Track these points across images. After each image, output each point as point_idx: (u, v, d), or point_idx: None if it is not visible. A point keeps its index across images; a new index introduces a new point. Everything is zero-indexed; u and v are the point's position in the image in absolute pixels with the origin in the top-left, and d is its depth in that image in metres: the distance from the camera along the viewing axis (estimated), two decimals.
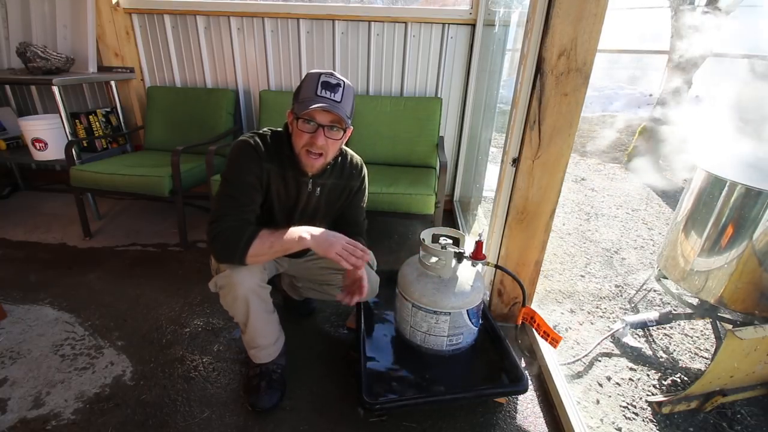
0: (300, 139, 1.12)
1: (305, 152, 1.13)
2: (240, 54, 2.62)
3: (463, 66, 2.51)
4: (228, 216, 1.10)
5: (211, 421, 1.22)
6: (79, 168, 2.16)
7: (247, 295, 1.16)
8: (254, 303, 1.19)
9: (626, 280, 2.12)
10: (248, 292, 1.16)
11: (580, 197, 3.43)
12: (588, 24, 1.17)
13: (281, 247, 1.10)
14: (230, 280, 1.14)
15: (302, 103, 1.08)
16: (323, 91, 1.08)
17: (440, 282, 1.27)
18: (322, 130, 1.10)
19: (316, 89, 1.08)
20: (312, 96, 1.07)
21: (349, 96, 1.13)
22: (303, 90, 1.11)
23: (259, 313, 1.22)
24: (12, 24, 2.60)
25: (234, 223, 1.10)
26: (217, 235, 1.09)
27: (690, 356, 1.59)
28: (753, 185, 1.35)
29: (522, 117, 1.34)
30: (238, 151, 1.14)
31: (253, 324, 1.22)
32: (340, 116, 1.08)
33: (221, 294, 1.19)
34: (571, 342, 1.63)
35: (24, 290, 1.83)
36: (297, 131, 1.12)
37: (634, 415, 1.30)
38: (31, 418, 1.22)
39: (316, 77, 1.09)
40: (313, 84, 1.09)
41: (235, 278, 1.14)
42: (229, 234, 1.08)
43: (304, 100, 1.08)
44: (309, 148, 1.12)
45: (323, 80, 1.08)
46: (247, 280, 1.16)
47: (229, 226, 1.09)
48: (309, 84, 1.09)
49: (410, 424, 1.23)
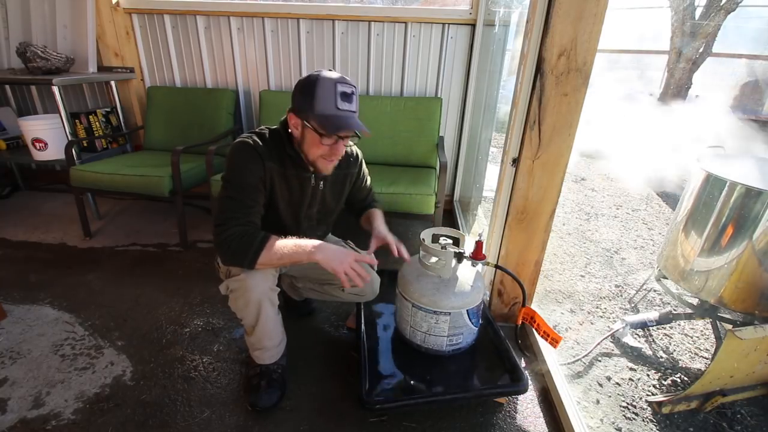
0: (318, 149, 1.12)
1: (322, 159, 1.14)
2: (240, 54, 2.62)
3: (463, 66, 2.51)
4: (233, 219, 1.09)
5: (211, 421, 1.22)
6: (79, 168, 2.16)
7: (260, 300, 1.17)
8: (266, 307, 1.19)
9: (626, 280, 2.12)
10: (261, 296, 1.16)
11: (580, 197, 3.43)
12: (588, 24, 1.17)
13: (290, 259, 1.10)
14: (244, 284, 1.13)
15: (325, 119, 1.06)
16: (344, 103, 1.07)
17: (440, 282, 1.27)
18: (342, 140, 1.11)
19: (335, 101, 1.06)
20: (333, 109, 1.06)
21: (358, 99, 1.14)
22: (320, 99, 1.06)
23: (269, 317, 1.22)
24: (12, 24, 2.60)
25: (241, 228, 1.08)
26: (224, 241, 1.07)
27: (690, 356, 1.59)
28: (753, 185, 1.35)
29: (522, 117, 1.34)
30: (238, 152, 1.13)
31: (262, 327, 1.22)
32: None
33: (232, 297, 1.18)
34: (571, 342, 1.63)
35: (24, 290, 1.83)
36: (313, 140, 1.11)
37: (634, 415, 1.30)
38: (31, 418, 1.22)
39: (332, 86, 1.05)
40: (331, 95, 1.05)
41: (249, 282, 1.13)
42: (238, 241, 1.07)
43: (326, 114, 1.06)
44: (329, 157, 1.14)
45: (341, 90, 1.06)
46: (261, 284, 1.16)
47: (237, 231, 1.08)
48: (326, 94, 1.05)
49: (410, 424, 1.23)
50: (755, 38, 7.25)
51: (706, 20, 4.98)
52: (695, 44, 5.07)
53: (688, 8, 5.08)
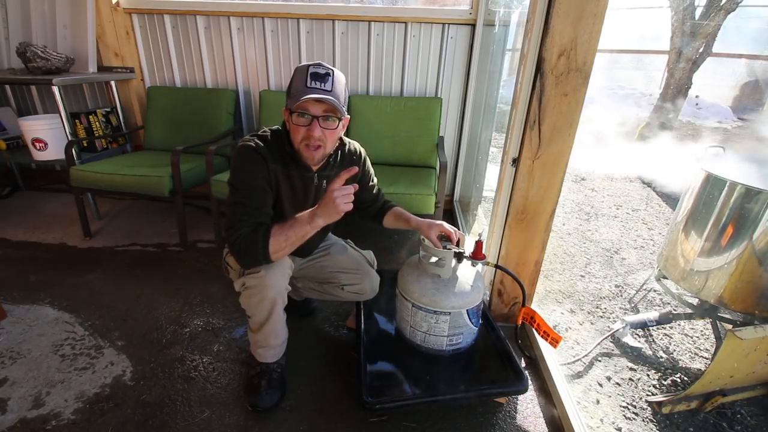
0: (297, 134, 1.12)
1: (304, 146, 1.13)
2: (240, 54, 2.62)
3: (463, 66, 2.51)
4: (240, 222, 1.10)
5: (211, 421, 1.22)
6: (79, 168, 2.16)
7: (275, 297, 1.17)
8: (278, 305, 1.20)
9: (626, 280, 2.12)
10: (276, 294, 1.17)
11: (580, 197, 3.43)
12: (588, 24, 1.17)
13: (296, 235, 1.10)
14: (263, 281, 1.14)
15: (294, 97, 1.08)
16: (313, 82, 1.07)
17: (440, 282, 1.27)
18: (317, 121, 1.09)
19: (306, 81, 1.07)
20: (302, 88, 1.07)
21: (339, 84, 1.12)
22: (294, 84, 1.10)
23: (278, 316, 1.23)
24: (12, 24, 2.60)
25: (247, 229, 1.09)
26: (233, 244, 1.09)
27: (690, 356, 1.59)
28: (753, 185, 1.35)
29: (522, 117, 1.34)
30: (241, 156, 1.13)
31: (271, 325, 1.23)
32: (333, 105, 1.08)
33: (246, 293, 1.18)
34: (571, 342, 1.63)
35: (24, 290, 1.83)
36: (293, 126, 1.12)
37: (634, 415, 1.30)
38: (31, 418, 1.22)
39: (304, 70, 1.08)
40: (302, 76, 1.08)
41: (268, 280, 1.14)
42: (244, 242, 1.08)
43: (296, 93, 1.08)
44: (307, 141, 1.12)
45: (312, 71, 1.08)
46: (279, 281, 1.17)
47: (243, 233, 1.09)
48: (299, 77, 1.09)
49: (410, 424, 1.23)
50: (755, 38, 7.26)
51: (706, 20, 4.98)
52: (695, 44, 5.07)
53: (688, 8, 5.08)
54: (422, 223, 1.32)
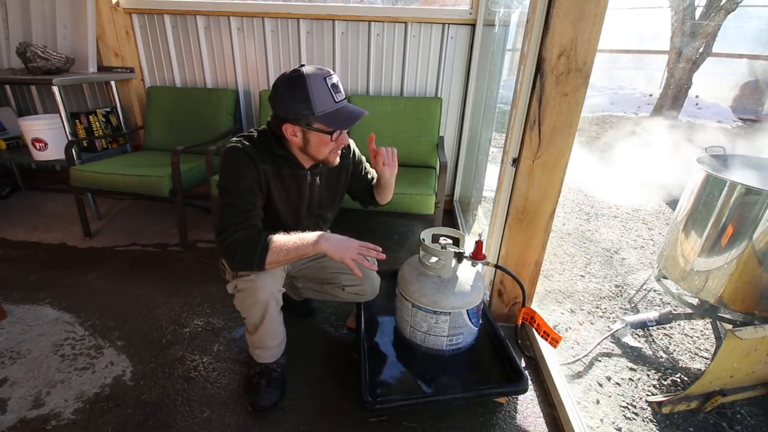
0: (326, 147, 1.13)
1: (333, 154, 1.17)
2: (240, 54, 2.62)
3: (463, 66, 2.51)
4: (233, 224, 1.09)
5: (211, 421, 1.22)
6: (79, 168, 2.16)
7: (267, 300, 1.17)
8: (272, 307, 1.20)
9: (626, 280, 2.12)
10: (269, 297, 1.17)
11: (580, 197, 3.43)
12: (588, 24, 1.17)
13: (296, 254, 1.10)
14: (254, 285, 1.14)
15: (330, 117, 1.07)
16: (338, 95, 1.09)
17: (440, 282, 1.27)
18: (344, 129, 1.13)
19: (332, 97, 1.07)
20: (332, 104, 1.08)
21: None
22: (318, 100, 1.05)
23: (273, 317, 1.22)
24: (12, 24, 2.60)
25: (243, 232, 1.08)
26: (228, 247, 1.07)
27: (690, 356, 1.59)
28: (753, 185, 1.35)
29: (522, 117, 1.34)
30: (229, 158, 1.12)
31: (266, 327, 1.23)
32: None
33: (239, 296, 1.18)
34: (571, 342, 1.63)
35: (24, 290, 1.83)
36: (321, 141, 1.11)
37: (634, 415, 1.30)
38: (31, 418, 1.22)
39: (323, 83, 1.05)
40: (325, 92, 1.06)
41: (259, 283, 1.14)
42: (242, 245, 1.07)
43: (328, 112, 1.07)
44: (337, 150, 1.16)
45: (331, 84, 1.07)
46: (270, 285, 1.17)
47: (239, 236, 1.07)
48: (321, 92, 1.05)
49: (410, 424, 1.23)
50: (755, 38, 7.26)
51: (706, 20, 4.98)
52: (695, 44, 5.07)
53: (688, 8, 5.08)
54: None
